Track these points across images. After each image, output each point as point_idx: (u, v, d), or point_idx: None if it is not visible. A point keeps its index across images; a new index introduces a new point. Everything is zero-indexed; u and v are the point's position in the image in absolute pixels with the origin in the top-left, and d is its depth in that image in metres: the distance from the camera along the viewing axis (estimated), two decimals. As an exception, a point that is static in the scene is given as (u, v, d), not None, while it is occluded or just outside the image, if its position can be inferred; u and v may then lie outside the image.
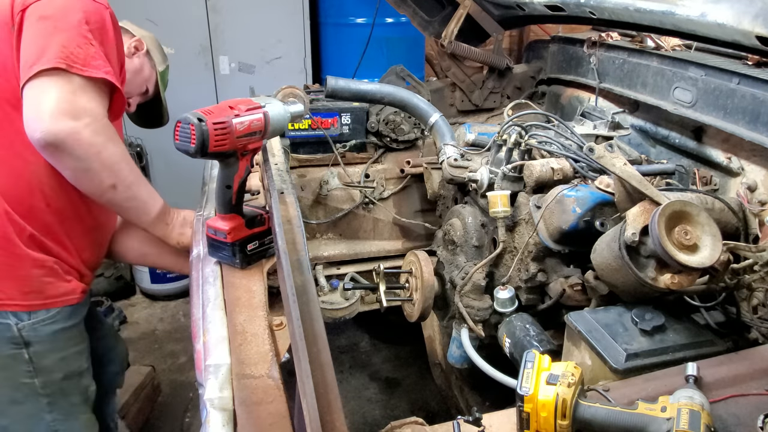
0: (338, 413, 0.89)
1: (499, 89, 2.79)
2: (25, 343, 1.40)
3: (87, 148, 1.29)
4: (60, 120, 1.23)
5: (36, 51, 1.26)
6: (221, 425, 1.08)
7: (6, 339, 1.38)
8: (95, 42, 1.34)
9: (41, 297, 1.41)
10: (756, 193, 1.68)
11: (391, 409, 2.74)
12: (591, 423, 0.94)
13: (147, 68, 1.85)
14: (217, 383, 1.15)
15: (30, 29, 1.30)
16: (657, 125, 2.10)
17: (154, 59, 1.88)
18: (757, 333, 1.37)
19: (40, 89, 1.24)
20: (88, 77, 1.30)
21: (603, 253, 1.37)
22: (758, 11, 1.42)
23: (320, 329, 1.06)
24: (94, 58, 1.32)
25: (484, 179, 1.75)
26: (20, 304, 1.38)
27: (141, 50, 1.81)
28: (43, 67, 1.24)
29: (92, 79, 1.31)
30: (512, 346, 1.54)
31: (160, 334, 3.32)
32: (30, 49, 1.27)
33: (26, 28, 1.31)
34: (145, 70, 1.85)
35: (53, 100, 1.24)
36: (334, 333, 3.22)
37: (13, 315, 1.38)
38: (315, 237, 2.42)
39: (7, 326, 1.37)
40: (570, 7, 2.14)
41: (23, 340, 1.40)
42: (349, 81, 2.10)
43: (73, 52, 1.28)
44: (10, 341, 1.39)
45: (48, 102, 1.23)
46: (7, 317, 1.37)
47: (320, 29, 4.03)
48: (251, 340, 1.28)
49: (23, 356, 1.41)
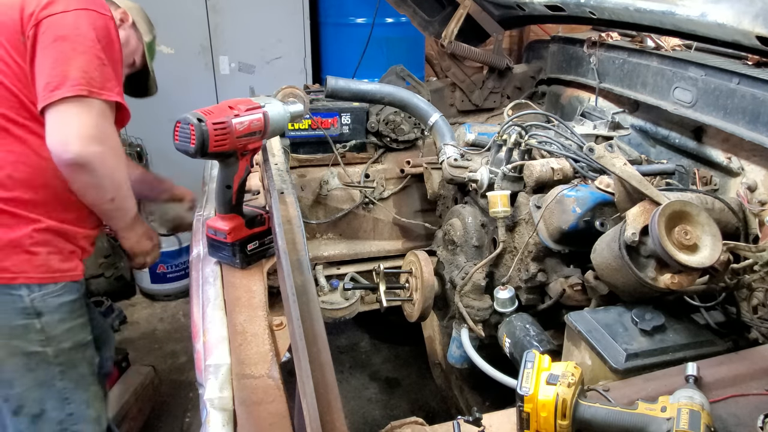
0: (338, 413, 0.89)
1: (499, 89, 2.79)
2: (36, 313, 1.49)
3: (106, 169, 1.45)
4: (88, 145, 1.38)
5: (58, 75, 1.37)
6: (221, 425, 1.08)
7: (19, 309, 1.47)
8: (107, 60, 1.45)
9: (50, 271, 1.51)
10: (756, 193, 1.68)
11: (391, 409, 2.74)
12: (591, 423, 0.94)
13: (133, 40, 1.81)
14: (217, 383, 1.15)
15: (47, 50, 1.40)
16: (657, 125, 2.10)
17: (140, 30, 1.84)
18: (757, 333, 1.37)
19: (67, 115, 1.38)
20: (105, 100, 1.43)
21: (603, 253, 1.37)
22: (758, 11, 1.42)
23: (320, 329, 1.06)
24: (108, 79, 1.45)
25: (484, 179, 1.75)
26: (32, 277, 1.48)
27: (126, 22, 1.77)
28: (67, 94, 1.36)
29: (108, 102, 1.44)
30: (512, 346, 1.54)
31: (160, 334, 3.32)
32: (51, 72, 1.38)
33: (43, 48, 1.41)
34: (132, 42, 1.81)
35: (81, 126, 1.38)
36: (334, 333, 3.22)
37: (25, 287, 1.47)
38: (315, 237, 2.42)
39: (20, 297, 1.47)
40: (570, 7, 2.14)
41: (35, 311, 1.49)
42: (349, 81, 2.10)
43: (93, 76, 1.40)
44: (22, 311, 1.48)
45: (76, 128, 1.38)
46: (20, 289, 1.47)
47: (320, 29, 4.03)
48: (251, 340, 1.28)
49: (35, 326, 1.50)
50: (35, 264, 1.48)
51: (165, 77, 3.93)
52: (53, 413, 1.57)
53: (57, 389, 1.57)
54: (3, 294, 1.46)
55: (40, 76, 1.40)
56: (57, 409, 1.58)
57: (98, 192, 1.50)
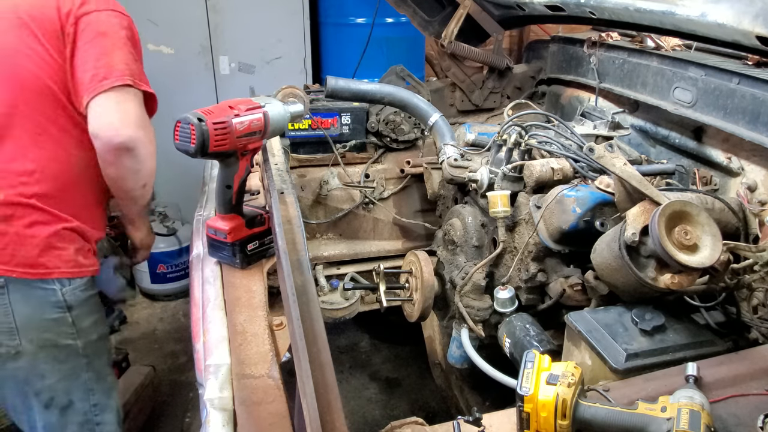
0: (338, 413, 0.89)
1: (499, 89, 2.79)
2: (68, 306, 1.56)
3: (147, 154, 1.54)
4: (137, 129, 1.49)
5: (104, 67, 1.48)
6: (221, 425, 1.08)
7: (52, 303, 1.54)
8: (137, 57, 1.58)
9: (77, 266, 1.58)
10: (756, 193, 1.68)
11: (391, 409, 2.74)
12: (591, 423, 0.94)
13: None
14: (217, 383, 1.15)
15: (90, 44, 1.50)
16: (657, 125, 2.10)
17: None
18: (757, 333, 1.37)
19: (116, 102, 1.47)
20: (143, 91, 1.55)
21: (603, 253, 1.37)
22: (758, 11, 1.42)
23: (320, 329, 1.06)
24: (142, 72, 1.57)
25: (484, 179, 1.75)
26: (64, 272, 1.55)
27: None
28: (116, 83, 1.47)
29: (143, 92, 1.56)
30: (512, 346, 1.54)
31: (160, 334, 3.32)
32: (96, 64, 1.48)
33: (85, 42, 1.50)
34: None
35: (130, 111, 1.49)
36: (334, 333, 3.22)
37: (58, 281, 1.54)
38: (315, 237, 2.42)
39: (53, 291, 1.54)
40: (570, 7, 2.14)
41: (66, 304, 1.55)
42: (349, 81, 2.10)
43: (132, 68, 1.52)
44: (55, 305, 1.54)
45: (125, 113, 1.48)
46: (53, 284, 1.53)
47: (320, 29, 4.03)
48: (251, 340, 1.28)
49: (67, 319, 1.56)
50: (65, 259, 1.55)
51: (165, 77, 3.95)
52: (80, 404, 1.64)
53: (82, 380, 1.63)
54: (38, 288, 1.52)
55: (84, 69, 1.49)
56: (83, 400, 1.64)
57: (136, 176, 1.57)
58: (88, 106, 1.48)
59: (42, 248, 1.52)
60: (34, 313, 1.52)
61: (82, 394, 1.64)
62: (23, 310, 1.51)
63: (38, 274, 1.51)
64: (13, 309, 1.50)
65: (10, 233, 1.49)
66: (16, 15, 1.51)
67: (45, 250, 1.52)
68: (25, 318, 1.51)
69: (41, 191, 1.52)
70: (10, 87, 1.50)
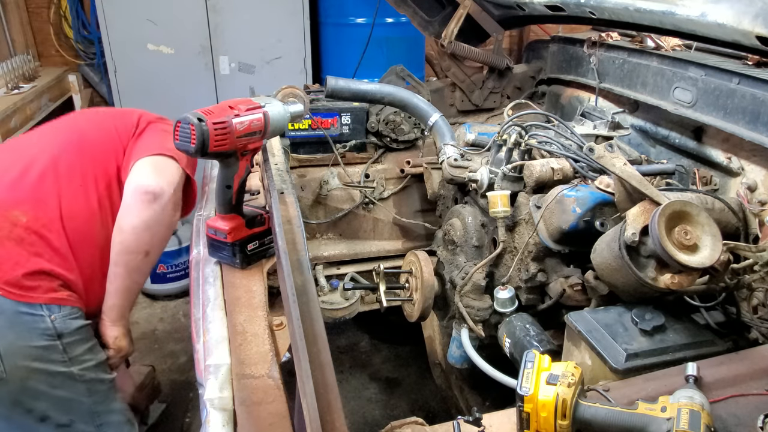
0: (338, 413, 0.89)
1: (499, 89, 2.79)
2: (58, 334, 1.53)
3: (167, 216, 1.63)
4: (169, 186, 1.62)
5: (158, 143, 1.69)
6: (221, 425, 1.08)
7: (41, 330, 1.51)
8: (190, 162, 1.75)
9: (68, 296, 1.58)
10: (756, 193, 1.68)
11: (391, 409, 2.74)
12: (591, 423, 0.94)
13: None
14: (217, 383, 1.15)
15: (153, 132, 1.77)
16: (657, 125, 2.10)
17: None
18: (757, 333, 1.37)
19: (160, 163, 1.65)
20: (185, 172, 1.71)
21: (603, 253, 1.37)
22: (758, 11, 1.42)
23: (320, 329, 1.06)
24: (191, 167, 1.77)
25: (484, 179, 1.75)
26: (54, 297, 1.54)
27: None
28: (164, 152, 1.66)
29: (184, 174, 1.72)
30: (512, 346, 1.54)
31: (160, 334, 3.32)
32: (153, 141, 1.71)
33: (149, 132, 1.77)
34: None
35: (169, 172, 1.64)
36: (334, 333, 3.22)
37: (47, 308, 1.52)
38: (315, 237, 2.42)
39: (42, 318, 1.51)
40: (570, 7, 2.14)
41: (56, 332, 1.53)
42: (349, 81, 2.10)
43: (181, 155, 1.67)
44: (44, 332, 1.51)
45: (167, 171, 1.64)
46: (42, 310, 1.51)
47: (320, 29, 4.03)
48: (251, 340, 1.28)
49: (57, 347, 1.54)
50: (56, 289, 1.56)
51: (165, 77, 3.95)
52: (81, 425, 1.61)
53: (86, 405, 1.61)
54: (25, 314, 1.49)
55: (140, 147, 1.70)
56: (86, 422, 1.62)
57: (146, 234, 1.62)
58: (132, 166, 1.63)
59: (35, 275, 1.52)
60: (20, 339, 1.49)
61: (85, 417, 1.61)
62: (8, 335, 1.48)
63: (26, 297, 1.49)
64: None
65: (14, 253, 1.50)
66: (106, 115, 1.87)
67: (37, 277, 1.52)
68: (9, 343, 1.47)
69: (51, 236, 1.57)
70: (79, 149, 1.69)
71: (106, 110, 1.97)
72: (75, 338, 1.56)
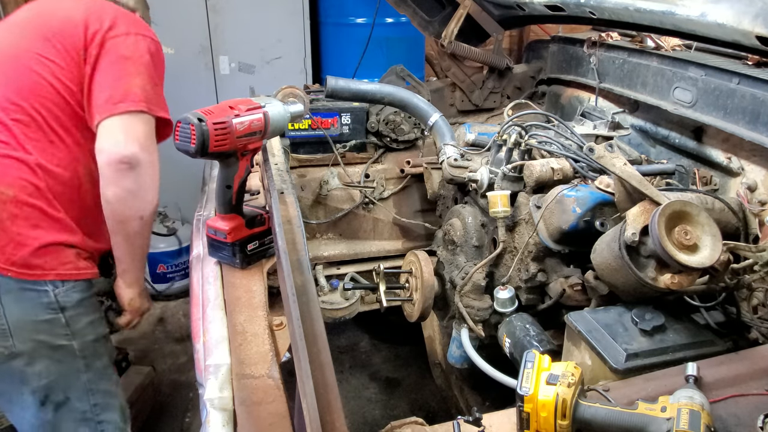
0: (338, 413, 0.89)
1: (499, 89, 2.79)
2: (60, 308, 1.55)
3: (148, 178, 1.54)
4: (142, 150, 1.50)
5: (121, 90, 1.52)
6: (221, 425, 1.08)
7: (44, 305, 1.53)
8: (158, 81, 1.61)
9: (75, 268, 1.57)
10: (756, 193, 1.68)
11: (391, 409, 2.74)
12: (591, 423, 0.94)
13: None
14: (217, 383, 1.15)
15: (111, 67, 1.55)
16: (657, 125, 2.10)
17: None
18: (757, 333, 1.37)
19: (126, 124, 1.51)
20: (157, 117, 1.57)
21: (603, 253, 1.37)
22: (758, 11, 1.42)
23: (320, 329, 1.06)
24: (160, 97, 1.61)
25: (484, 179, 1.75)
26: (60, 273, 1.54)
27: None
28: (130, 108, 1.50)
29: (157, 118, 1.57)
30: (512, 346, 1.54)
31: (160, 334, 3.32)
32: (114, 86, 1.52)
33: (107, 65, 1.55)
34: None
35: (139, 133, 1.51)
36: (334, 333, 3.22)
37: (51, 283, 1.53)
38: (315, 237, 2.42)
39: (45, 293, 1.52)
40: (570, 7, 2.14)
41: (59, 305, 1.54)
42: (349, 81, 2.10)
43: (149, 94, 1.55)
44: (47, 306, 1.53)
45: (134, 134, 1.50)
46: (45, 285, 1.52)
47: (320, 29, 4.03)
48: (251, 340, 1.28)
49: (60, 320, 1.55)
50: (62, 261, 1.55)
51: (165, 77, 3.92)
52: (77, 403, 1.63)
53: (82, 381, 1.62)
54: (29, 290, 1.51)
55: (101, 90, 1.53)
56: (81, 399, 1.63)
57: (134, 202, 1.54)
58: (99, 126, 1.51)
59: (40, 250, 1.51)
60: (26, 314, 1.52)
61: (81, 394, 1.63)
62: (15, 311, 1.50)
63: (33, 275, 1.51)
64: (5, 310, 1.50)
65: (12, 232, 1.49)
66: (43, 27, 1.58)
67: (43, 252, 1.52)
68: (17, 319, 1.51)
69: (50, 196, 1.53)
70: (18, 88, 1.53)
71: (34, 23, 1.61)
72: (78, 311, 1.58)
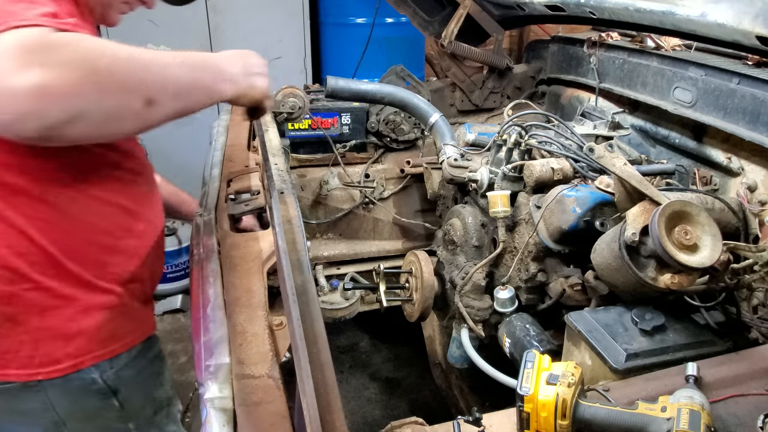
0: (338, 413, 0.89)
1: (499, 89, 2.79)
2: (112, 391, 1.28)
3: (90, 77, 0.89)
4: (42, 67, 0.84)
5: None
6: (221, 425, 1.08)
7: (93, 392, 1.26)
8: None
9: (115, 340, 1.26)
10: (756, 193, 1.68)
11: (391, 409, 2.74)
12: (591, 423, 0.94)
13: None
14: (217, 383, 1.15)
15: None
16: (657, 125, 2.10)
17: None
18: (757, 333, 1.37)
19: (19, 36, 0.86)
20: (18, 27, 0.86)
21: (603, 253, 1.37)
22: (758, 11, 1.42)
23: (320, 329, 1.06)
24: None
25: (484, 179, 1.75)
26: (98, 355, 1.23)
27: None
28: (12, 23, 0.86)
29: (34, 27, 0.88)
30: (512, 346, 1.54)
31: (160, 334, 3.30)
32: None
33: None
34: None
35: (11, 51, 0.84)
36: (334, 333, 3.22)
37: (95, 368, 1.24)
38: (315, 237, 2.42)
39: (92, 380, 1.25)
40: (570, 7, 2.14)
41: (110, 389, 1.28)
42: (349, 81, 2.10)
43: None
44: (98, 393, 1.27)
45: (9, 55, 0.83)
46: (90, 372, 1.23)
47: (320, 29, 4.03)
48: (251, 340, 1.28)
49: (113, 404, 1.30)
50: (97, 340, 1.22)
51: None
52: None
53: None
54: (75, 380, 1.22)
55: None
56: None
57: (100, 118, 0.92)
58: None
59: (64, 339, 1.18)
60: (75, 404, 1.25)
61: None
62: (64, 403, 1.24)
63: (68, 369, 1.20)
64: (53, 404, 1.23)
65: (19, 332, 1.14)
66: None
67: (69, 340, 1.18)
68: (67, 410, 1.25)
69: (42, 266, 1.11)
70: None
71: None
72: (132, 388, 1.32)
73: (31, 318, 1.14)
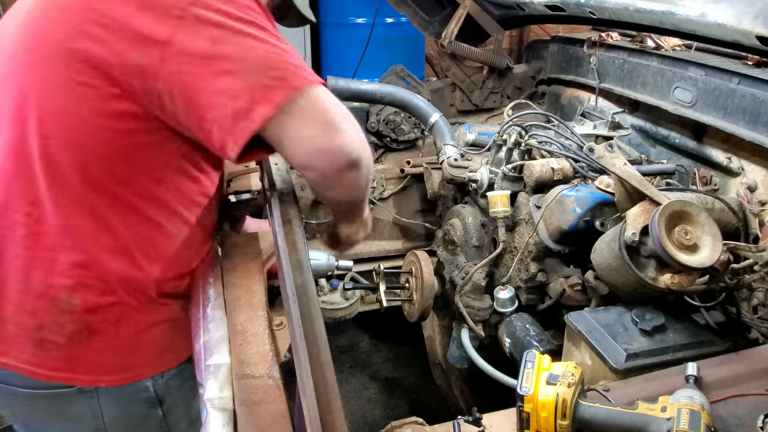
0: (338, 413, 0.89)
1: (499, 89, 2.79)
2: (159, 401, 1.33)
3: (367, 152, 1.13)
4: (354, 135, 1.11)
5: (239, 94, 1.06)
6: (221, 425, 1.08)
7: (143, 400, 1.31)
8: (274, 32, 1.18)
9: (173, 352, 1.32)
10: (756, 193, 1.68)
11: (391, 409, 2.74)
12: (591, 423, 0.94)
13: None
14: (217, 383, 1.15)
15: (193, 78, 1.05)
16: (657, 125, 2.10)
17: None
18: (757, 333, 1.37)
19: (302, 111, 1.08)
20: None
21: (603, 253, 1.37)
22: (758, 11, 1.42)
23: (320, 329, 1.06)
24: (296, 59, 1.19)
25: (484, 179, 1.75)
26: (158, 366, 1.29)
27: None
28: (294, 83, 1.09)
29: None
30: (512, 346, 1.54)
31: (160, 334, 3.31)
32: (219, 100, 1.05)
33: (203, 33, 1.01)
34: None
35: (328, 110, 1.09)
36: (334, 333, 3.22)
37: (150, 379, 1.30)
38: (315, 237, 2.42)
39: (145, 388, 1.30)
40: (570, 7, 2.14)
41: (158, 399, 1.33)
42: (349, 81, 2.10)
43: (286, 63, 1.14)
44: (146, 402, 1.32)
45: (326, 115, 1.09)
46: (145, 381, 1.29)
47: (320, 29, 4.03)
48: (251, 340, 1.28)
49: (157, 414, 1.34)
50: (158, 351, 1.29)
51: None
52: None
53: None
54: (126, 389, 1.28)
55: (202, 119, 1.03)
56: None
57: (363, 181, 1.17)
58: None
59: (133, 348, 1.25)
60: (123, 412, 1.30)
61: None
62: (113, 410, 1.28)
63: (131, 378, 1.26)
64: (102, 411, 1.27)
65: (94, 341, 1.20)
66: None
67: (135, 351, 1.25)
68: (113, 417, 1.29)
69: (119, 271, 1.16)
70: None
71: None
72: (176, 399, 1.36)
73: (108, 328, 1.21)
